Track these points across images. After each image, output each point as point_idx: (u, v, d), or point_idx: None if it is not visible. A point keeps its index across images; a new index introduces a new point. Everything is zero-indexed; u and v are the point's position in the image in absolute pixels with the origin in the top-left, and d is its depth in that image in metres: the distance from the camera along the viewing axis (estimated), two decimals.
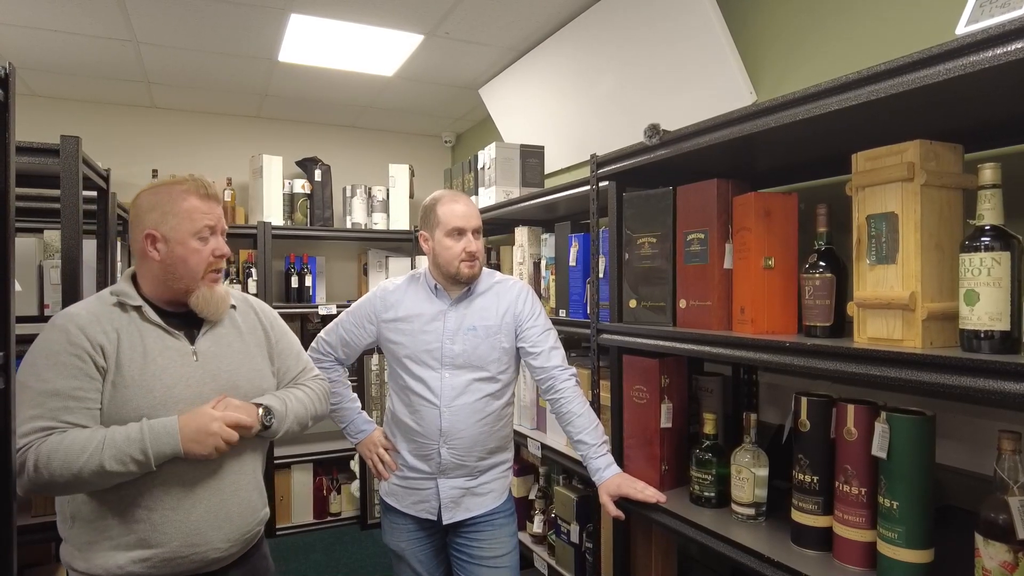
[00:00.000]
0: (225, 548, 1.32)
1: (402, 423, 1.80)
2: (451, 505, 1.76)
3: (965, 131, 1.23)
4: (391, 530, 1.83)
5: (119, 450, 1.17)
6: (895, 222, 1.14)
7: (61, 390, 1.20)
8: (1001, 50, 0.88)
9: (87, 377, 1.22)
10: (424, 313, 1.78)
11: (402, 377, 1.79)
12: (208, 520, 1.29)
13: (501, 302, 1.82)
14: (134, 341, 1.28)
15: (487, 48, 2.95)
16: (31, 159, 1.59)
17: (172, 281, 1.33)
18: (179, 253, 1.31)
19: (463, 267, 1.74)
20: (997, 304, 1.00)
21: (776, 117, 1.23)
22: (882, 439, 1.17)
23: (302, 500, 3.78)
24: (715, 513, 1.57)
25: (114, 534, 1.24)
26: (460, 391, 1.74)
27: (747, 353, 1.35)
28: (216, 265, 1.36)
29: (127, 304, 1.31)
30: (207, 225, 1.34)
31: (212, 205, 1.36)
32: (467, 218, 1.75)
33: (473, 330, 1.76)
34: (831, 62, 1.78)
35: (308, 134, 4.18)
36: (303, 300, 3.78)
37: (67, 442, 1.16)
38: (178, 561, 1.26)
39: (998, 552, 0.98)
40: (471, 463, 1.77)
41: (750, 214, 1.44)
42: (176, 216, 1.31)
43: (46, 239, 2.74)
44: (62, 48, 2.93)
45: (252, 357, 1.44)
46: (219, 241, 1.37)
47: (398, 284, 1.86)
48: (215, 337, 1.39)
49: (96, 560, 1.23)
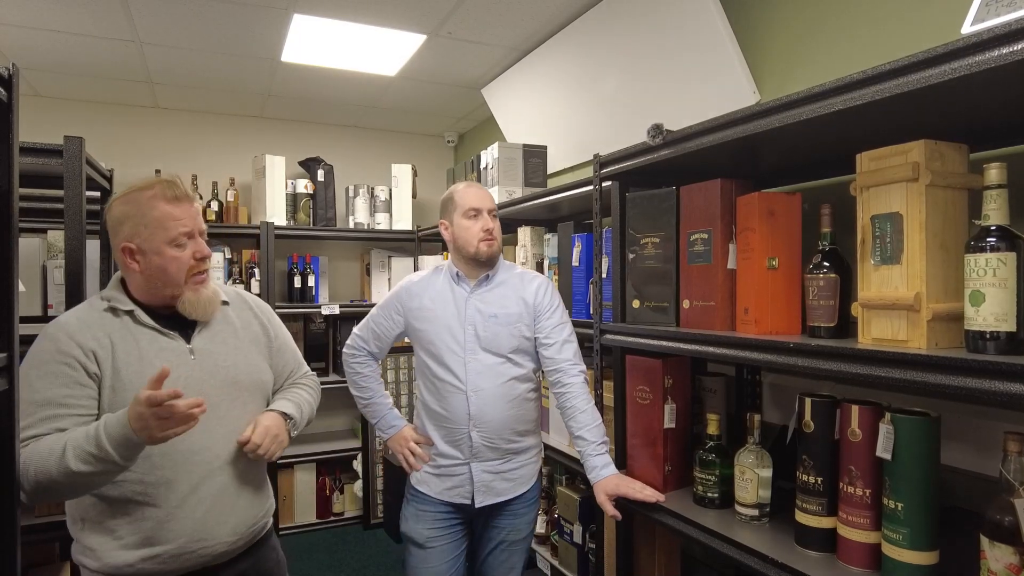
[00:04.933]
0: (232, 541, 1.33)
1: (432, 411, 1.85)
2: (483, 489, 1.81)
3: (970, 131, 1.23)
4: (416, 517, 1.85)
5: (79, 448, 1.14)
6: (900, 222, 1.13)
7: (52, 399, 1.19)
8: (1007, 49, 0.87)
9: (78, 384, 1.21)
10: (447, 300, 1.85)
11: (428, 365, 1.84)
12: (214, 515, 1.30)
13: (522, 292, 1.86)
14: (128, 345, 1.28)
15: (490, 48, 2.95)
16: (35, 159, 1.60)
17: (156, 289, 1.32)
18: (157, 263, 1.29)
19: (482, 245, 1.80)
20: (1003, 305, 0.99)
21: (780, 117, 1.22)
22: (886, 440, 1.16)
23: (305, 500, 3.78)
24: (719, 514, 1.56)
25: (122, 534, 1.24)
26: (485, 375, 1.79)
27: (751, 354, 1.35)
28: (198, 268, 1.34)
29: (119, 309, 1.31)
30: (182, 232, 1.31)
31: (184, 207, 1.32)
32: (482, 199, 1.84)
33: (494, 317, 1.82)
34: (835, 62, 1.77)
35: (311, 134, 4.19)
36: (306, 300, 3.78)
37: (40, 449, 1.14)
38: (186, 556, 1.27)
39: (1004, 554, 0.98)
40: (502, 446, 1.82)
41: (754, 214, 1.43)
42: (148, 226, 1.28)
43: (50, 239, 2.75)
44: (66, 49, 2.93)
45: (248, 352, 1.44)
46: (198, 243, 1.34)
47: (422, 275, 1.94)
48: (211, 334, 1.39)
49: (106, 559, 1.24)
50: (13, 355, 1.18)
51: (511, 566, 1.89)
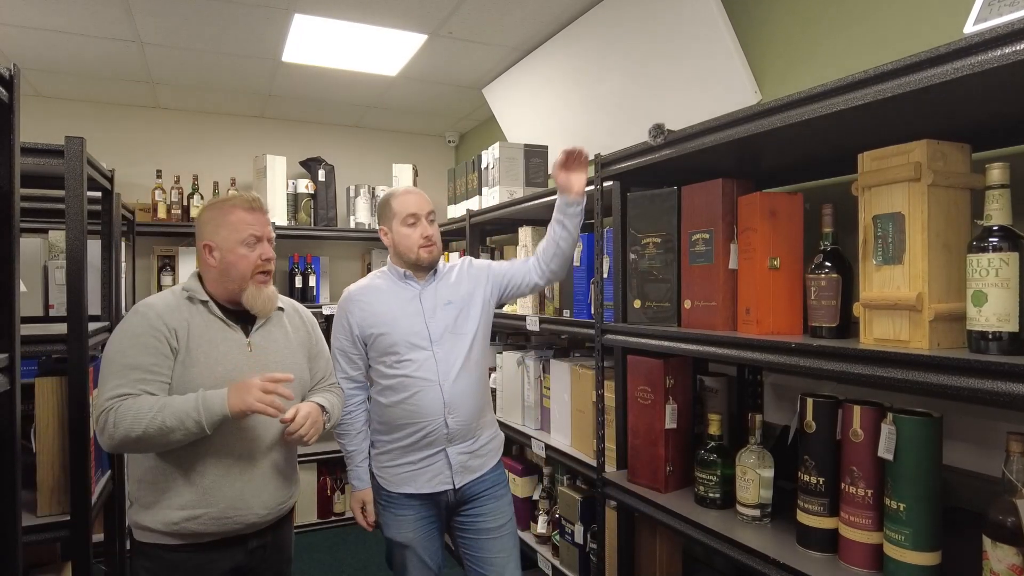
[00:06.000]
0: (263, 514, 1.53)
1: (400, 418, 1.81)
2: (460, 470, 1.84)
3: (973, 130, 1.22)
4: (396, 523, 1.84)
5: (177, 409, 1.37)
6: (902, 222, 1.13)
7: (141, 364, 1.41)
8: (1010, 49, 0.87)
9: (162, 356, 1.44)
10: (400, 299, 1.85)
11: (394, 367, 1.81)
12: (250, 488, 1.50)
13: (463, 274, 1.94)
14: (201, 329, 1.50)
15: (491, 48, 2.95)
16: (36, 160, 1.60)
17: (227, 282, 1.54)
18: (230, 259, 1.52)
19: (422, 252, 1.83)
20: (1005, 305, 0.99)
21: (782, 117, 1.22)
22: (889, 440, 1.16)
23: (306, 500, 3.78)
24: (720, 514, 1.56)
25: (172, 495, 1.45)
26: (452, 362, 1.81)
27: (752, 354, 1.34)
28: (263, 268, 1.55)
29: (195, 298, 1.53)
30: (252, 234, 1.54)
31: (258, 216, 1.56)
32: (420, 205, 1.85)
33: (450, 304, 1.87)
34: (836, 61, 1.77)
35: (312, 134, 4.19)
36: (307, 300, 3.78)
37: (137, 405, 1.37)
38: (223, 520, 1.47)
39: (1006, 555, 0.98)
40: (473, 425, 1.85)
41: (755, 214, 1.43)
42: (225, 227, 1.53)
43: (51, 240, 2.75)
44: (67, 49, 2.93)
45: (295, 353, 1.65)
46: (265, 247, 1.56)
47: (363, 285, 1.91)
48: (266, 332, 1.60)
49: (157, 516, 1.45)
50: (14, 355, 1.18)
51: (510, 548, 1.90)
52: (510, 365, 2.69)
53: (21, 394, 1.25)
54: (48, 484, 1.65)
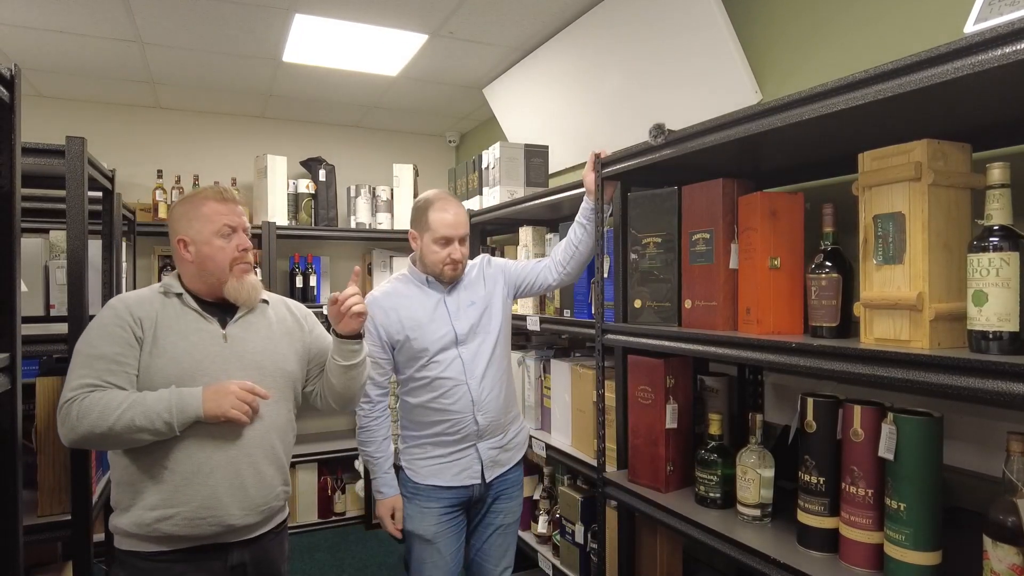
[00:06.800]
0: (241, 516, 1.45)
1: (431, 415, 1.87)
2: (491, 464, 1.91)
3: (973, 130, 1.22)
4: (420, 515, 1.87)
5: (148, 408, 1.34)
6: (902, 222, 1.13)
7: (106, 354, 1.39)
8: (1010, 48, 0.87)
9: (128, 345, 1.41)
10: (425, 304, 1.89)
11: (425, 369, 1.86)
12: (224, 487, 1.43)
13: (482, 276, 2.00)
14: (172, 321, 1.47)
15: (491, 48, 2.95)
16: (37, 160, 1.60)
17: (206, 276, 1.50)
18: (206, 252, 1.48)
19: (447, 270, 1.88)
20: (1006, 305, 0.99)
21: (782, 116, 1.22)
22: (889, 440, 1.16)
23: (307, 499, 3.79)
24: (721, 514, 1.56)
25: (145, 495, 1.40)
26: (479, 361, 1.88)
27: (753, 354, 1.34)
28: (242, 258, 1.51)
29: (170, 292, 1.50)
30: (226, 224, 1.49)
31: (231, 206, 1.52)
32: (455, 227, 1.86)
33: (472, 304, 1.92)
34: (837, 61, 1.77)
35: (312, 134, 4.19)
36: (308, 300, 3.78)
37: (105, 399, 1.33)
38: (197, 522, 1.41)
39: (1007, 555, 0.98)
40: (502, 420, 1.93)
41: (756, 214, 1.43)
42: (198, 220, 1.49)
43: (52, 239, 2.75)
44: (67, 49, 2.93)
45: (279, 343, 1.59)
46: (241, 237, 1.52)
47: (387, 290, 1.94)
48: (245, 324, 1.55)
49: (132, 517, 1.41)
50: (15, 355, 1.18)
51: (507, 546, 2.00)
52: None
53: (22, 394, 1.25)
54: (49, 484, 1.65)
